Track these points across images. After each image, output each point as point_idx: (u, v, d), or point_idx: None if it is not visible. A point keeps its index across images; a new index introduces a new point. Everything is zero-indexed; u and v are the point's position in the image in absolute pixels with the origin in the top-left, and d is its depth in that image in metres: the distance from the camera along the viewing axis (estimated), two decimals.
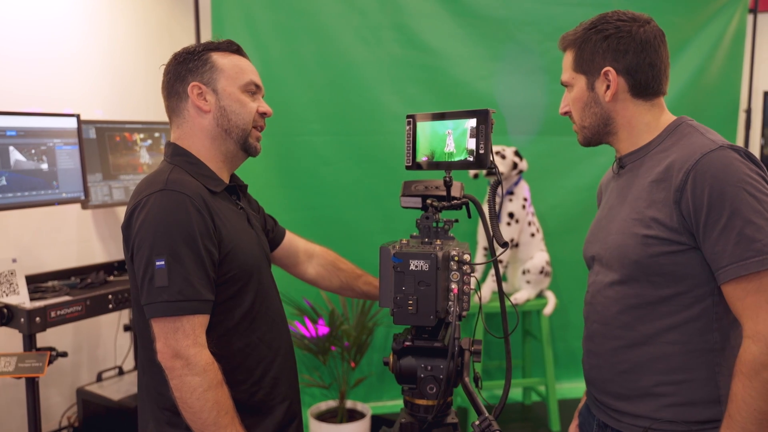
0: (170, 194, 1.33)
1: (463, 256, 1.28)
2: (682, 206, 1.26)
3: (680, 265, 1.28)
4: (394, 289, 1.26)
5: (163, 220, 1.30)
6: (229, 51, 1.50)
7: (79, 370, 3.00)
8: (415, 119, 1.40)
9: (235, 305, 1.41)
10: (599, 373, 1.43)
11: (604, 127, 1.43)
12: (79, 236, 2.98)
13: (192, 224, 1.31)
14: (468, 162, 1.32)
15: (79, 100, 2.93)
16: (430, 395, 1.32)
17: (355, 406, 3.30)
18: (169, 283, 1.28)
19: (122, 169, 2.84)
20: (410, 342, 1.34)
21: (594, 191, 3.49)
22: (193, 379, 1.28)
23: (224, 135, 1.47)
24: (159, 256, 1.29)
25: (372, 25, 3.31)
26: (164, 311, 1.29)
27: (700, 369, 1.31)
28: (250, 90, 1.49)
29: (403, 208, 1.58)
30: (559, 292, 3.51)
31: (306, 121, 3.33)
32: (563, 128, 3.52)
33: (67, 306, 2.22)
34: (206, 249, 1.33)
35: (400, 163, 3.37)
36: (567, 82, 1.46)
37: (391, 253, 1.27)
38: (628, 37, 1.36)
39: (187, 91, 1.45)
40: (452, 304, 1.27)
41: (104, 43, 3.09)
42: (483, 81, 3.45)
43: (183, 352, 1.28)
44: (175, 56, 1.50)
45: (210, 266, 1.34)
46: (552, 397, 3.39)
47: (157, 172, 1.41)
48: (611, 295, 1.39)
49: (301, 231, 3.36)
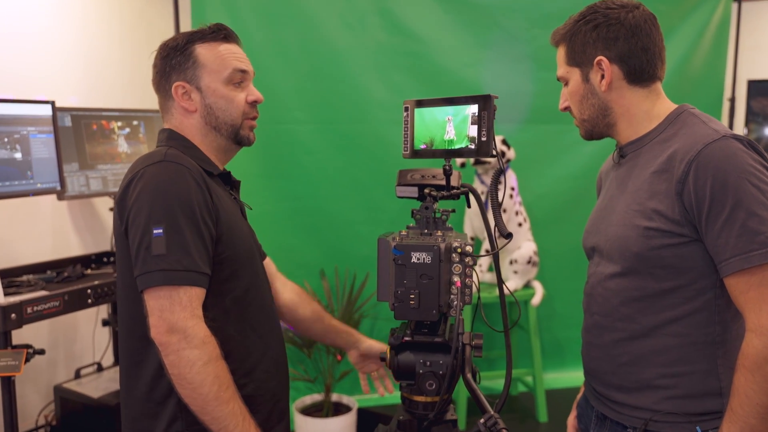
0: (169, 165, 1.30)
1: (465, 248, 1.23)
2: (684, 197, 1.23)
3: (682, 257, 1.26)
4: (394, 282, 1.21)
5: (162, 189, 1.27)
6: (216, 40, 1.43)
7: (55, 367, 2.91)
8: (413, 105, 1.34)
9: (228, 289, 1.36)
10: (599, 365, 1.42)
11: (603, 119, 1.40)
12: (55, 228, 2.88)
13: (191, 195, 1.28)
14: (470, 150, 1.27)
15: (52, 86, 2.82)
16: (430, 392, 1.27)
17: (341, 400, 3.25)
18: (167, 251, 1.23)
19: (99, 159, 2.74)
20: (410, 337, 1.29)
21: (581, 181, 3.54)
22: (192, 352, 1.22)
23: (214, 132, 1.43)
24: (157, 224, 1.24)
25: (357, 10, 3.24)
26: (161, 280, 1.23)
27: (701, 361, 1.29)
28: (235, 80, 1.43)
29: (399, 197, 1.52)
30: (546, 282, 3.49)
31: (289, 109, 3.25)
32: (550, 117, 3.50)
33: (44, 301, 2.13)
34: (204, 223, 1.29)
35: (386, 152, 3.38)
36: (562, 77, 1.44)
37: (392, 246, 1.22)
38: (617, 24, 1.34)
39: (171, 92, 1.41)
40: (454, 298, 1.22)
41: (78, 27, 2.97)
42: (469, 68, 3.40)
43: (180, 324, 1.22)
44: (160, 49, 1.44)
45: (209, 241, 1.30)
46: (539, 388, 3.37)
47: (154, 151, 1.38)
48: (612, 287, 1.37)
49: (284, 222, 3.33)
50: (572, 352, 3.81)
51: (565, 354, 3.82)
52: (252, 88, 1.47)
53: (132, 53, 3.23)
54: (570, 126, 3.94)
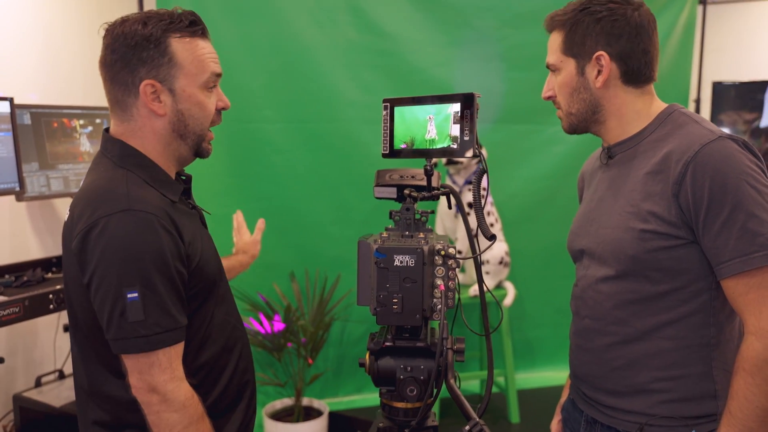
0: (135, 215, 1.17)
1: (448, 250, 1.20)
2: (680, 199, 1.22)
3: (678, 260, 1.25)
4: (376, 287, 1.17)
5: (131, 247, 1.16)
6: (195, 35, 1.30)
7: (14, 374, 2.79)
8: (393, 104, 1.30)
9: (201, 316, 1.31)
10: (590, 369, 1.39)
11: (592, 115, 1.37)
12: (13, 230, 2.76)
13: (163, 247, 1.18)
14: (452, 149, 1.24)
15: (9, 82, 2.70)
16: (410, 397, 1.24)
17: (312, 404, 3.20)
18: (145, 316, 1.16)
19: (61, 158, 2.63)
20: (391, 342, 1.25)
21: (551, 181, 3.55)
22: (172, 416, 1.18)
23: (178, 140, 1.30)
24: (130, 287, 1.15)
25: (327, 7, 3.19)
26: (141, 347, 1.16)
27: (697, 364, 1.28)
28: (210, 85, 1.31)
29: (377, 198, 1.48)
30: (516, 283, 3.49)
31: (257, 108, 3.19)
32: (521, 116, 3.51)
33: (2, 307, 2.03)
34: (178, 271, 1.21)
35: (357, 152, 3.34)
36: (554, 65, 1.38)
37: (373, 248, 1.18)
38: (622, 21, 1.30)
39: (138, 89, 1.25)
40: (437, 302, 1.19)
41: (35, 19, 2.86)
42: (440, 67, 3.38)
43: (160, 387, 1.17)
44: (124, 34, 1.24)
45: (182, 286, 1.23)
46: (511, 389, 3.37)
47: (109, 181, 1.23)
48: (605, 291, 1.35)
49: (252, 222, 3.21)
50: (543, 352, 3.83)
51: (536, 354, 3.83)
52: (221, 92, 1.36)
53: (93, 48, 3.09)
54: (541, 126, 3.97)
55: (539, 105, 3.45)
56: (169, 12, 1.30)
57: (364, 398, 3.48)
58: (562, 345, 3.73)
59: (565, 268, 3.59)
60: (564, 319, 3.76)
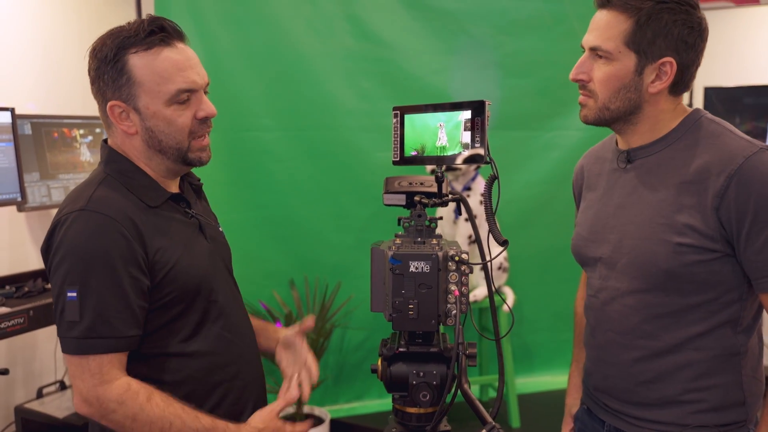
0: (90, 215, 1.18)
1: (461, 256, 1.21)
2: (721, 212, 1.18)
3: (713, 272, 1.21)
4: (392, 293, 1.18)
5: (78, 246, 1.16)
6: (153, 46, 1.23)
7: (14, 386, 2.78)
8: (403, 111, 1.32)
9: (178, 327, 1.28)
10: (615, 383, 1.35)
11: (628, 115, 1.28)
12: (12, 241, 2.75)
13: (112, 250, 1.17)
14: (463, 156, 1.26)
15: (7, 92, 2.70)
16: (423, 403, 1.25)
17: (313, 411, 3.20)
18: (80, 317, 1.15)
19: (61, 168, 2.63)
20: (405, 348, 1.26)
21: (548, 186, 3.57)
22: (114, 415, 1.19)
23: (159, 155, 1.29)
24: (71, 286, 1.15)
25: (324, 15, 3.21)
26: (73, 349, 1.17)
27: (727, 373, 1.26)
28: (180, 99, 1.25)
29: (386, 205, 1.49)
30: (514, 287, 3.50)
31: (256, 116, 3.19)
32: (517, 123, 3.53)
33: (7, 318, 2.03)
34: (131, 277, 1.19)
35: (355, 159, 3.35)
36: (608, 53, 1.24)
37: (388, 255, 1.19)
38: (697, 31, 1.21)
39: (106, 111, 1.26)
40: (452, 307, 1.20)
41: (34, 30, 2.86)
42: (437, 75, 3.40)
43: (90, 394, 1.17)
44: (90, 56, 1.26)
45: (136, 296, 1.20)
46: (511, 393, 3.38)
47: (86, 184, 1.26)
48: (631, 304, 1.30)
49: (252, 231, 3.26)
50: (541, 356, 3.84)
51: (534, 358, 3.84)
52: (203, 100, 1.28)
53: None
54: (537, 132, 3.99)
55: (535, 111, 3.53)
56: (132, 24, 1.25)
57: (364, 405, 3.48)
58: (560, 349, 3.77)
59: (562, 272, 3.64)
60: (562, 323, 3.80)
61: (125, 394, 1.18)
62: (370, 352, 3.44)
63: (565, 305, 3.83)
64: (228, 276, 1.43)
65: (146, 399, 1.19)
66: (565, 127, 3.54)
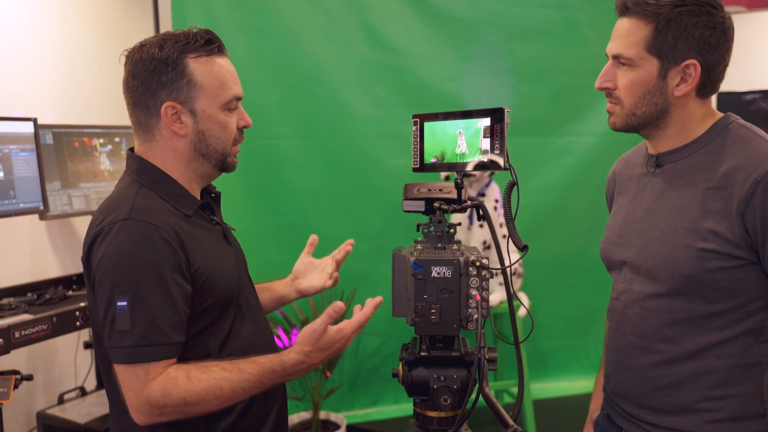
0: (134, 224, 1.20)
1: (482, 261, 1.23)
2: (746, 219, 1.17)
3: (737, 280, 1.20)
4: (414, 298, 1.20)
5: (125, 255, 1.18)
6: (211, 54, 1.31)
7: (36, 392, 2.81)
8: (422, 119, 1.34)
9: (214, 332, 1.31)
10: (633, 387, 1.35)
11: (656, 120, 1.27)
12: (33, 249, 2.79)
13: (159, 258, 1.19)
14: (482, 163, 1.28)
15: (29, 103, 2.75)
16: (444, 407, 1.27)
17: (329, 417, 3.22)
18: (132, 326, 1.17)
19: (82, 177, 2.67)
20: (426, 352, 1.28)
21: (561, 191, 3.58)
22: (168, 409, 1.19)
23: (201, 159, 1.33)
24: (121, 295, 1.17)
25: (339, 25, 3.24)
26: (126, 358, 1.18)
27: (747, 383, 1.24)
28: (232, 107, 1.33)
29: (405, 212, 1.52)
30: (528, 293, 3.51)
31: (272, 124, 3.22)
32: (530, 129, 3.54)
33: (31, 325, 2.06)
34: (177, 284, 1.21)
35: (370, 166, 3.37)
36: (630, 60, 1.25)
37: (410, 260, 1.21)
38: (720, 30, 1.20)
39: (159, 111, 1.28)
40: (473, 312, 1.22)
41: (55, 42, 2.90)
42: (450, 82, 3.42)
43: (138, 401, 1.19)
44: (143, 59, 1.28)
45: (183, 303, 1.22)
46: (527, 399, 3.38)
47: (122, 194, 1.27)
48: (653, 308, 1.29)
49: (268, 238, 3.29)
50: (555, 362, 3.84)
51: (548, 364, 3.83)
52: (242, 111, 1.38)
53: (111, 68, 3.17)
54: (550, 138, 4.00)
55: (548, 117, 3.54)
56: (185, 32, 1.32)
57: (379, 410, 3.50)
58: (574, 355, 3.77)
59: (576, 277, 3.65)
60: (576, 329, 3.79)
61: (166, 384, 1.19)
62: (385, 357, 3.46)
63: (579, 311, 3.85)
64: (248, 280, 1.47)
65: (186, 379, 1.19)
66: (577, 132, 3.55)
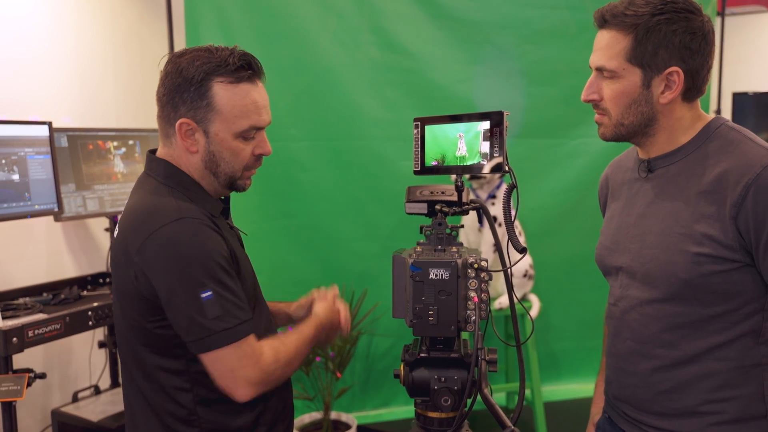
0: (189, 222, 1.24)
1: (480, 263, 1.24)
2: (739, 222, 1.17)
3: (732, 282, 1.20)
4: (412, 299, 1.22)
5: (193, 251, 1.23)
6: (241, 81, 1.29)
7: (50, 390, 2.87)
8: (423, 122, 1.36)
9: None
10: (634, 392, 1.35)
11: (644, 128, 1.28)
12: (49, 249, 2.85)
13: (220, 250, 1.26)
14: (482, 166, 1.29)
15: (45, 107, 2.80)
16: (445, 407, 1.28)
17: (340, 417, 3.23)
18: (222, 311, 1.22)
19: (96, 179, 2.72)
20: (426, 353, 1.29)
21: (573, 194, 3.57)
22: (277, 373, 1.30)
23: (212, 176, 1.35)
24: (203, 288, 1.21)
25: (350, 28, 3.26)
26: (226, 340, 1.22)
27: (748, 385, 1.25)
28: (249, 136, 1.33)
29: (408, 214, 1.53)
30: (540, 295, 3.50)
31: (284, 127, 3.25)
32: (541, 131, 3.54)
33: (45, 324, 2.11)
34: (234, 269, 1.30)
35: (381, 169, 3.39)
36: (612, 72, 1.26)
37: (408, 262, 1.22)
38: (699, 35, 1.21)
39: (174, 126, 1.31)
40: (471, 314, 1.23)
41: (71, 46, 2.96)
42: (462, 84, 3.42)
43: (256, 374, 1.26)
44: (172, 72, 1.30)
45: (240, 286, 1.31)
46: (538, 401, 3.37)
47: (159, 198, 1.29)
48: (651, 313, 1.29)
49: (280, 240, 3.32)
50: (567, 364, 3.83)
51: (561, 366, 3.82)
52: (263, 139, 1.37)
53: (126, 73, 3.23)
54: (562, 139, 3.99)
55: (560, 119, 3.53)
56: (223, 52, 1.31)
57: (391, 411, 3.51)
58: (586, 357, 3.75)
59: (588, 280, 3.62)
60: (589, 331, 3.78)
61: (271, 350, 1.29)
62: (396, 358, 3.44)
63: (592, 313, 3.82)
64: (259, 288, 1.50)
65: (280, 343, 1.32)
66: (589, 134, 3.53)
